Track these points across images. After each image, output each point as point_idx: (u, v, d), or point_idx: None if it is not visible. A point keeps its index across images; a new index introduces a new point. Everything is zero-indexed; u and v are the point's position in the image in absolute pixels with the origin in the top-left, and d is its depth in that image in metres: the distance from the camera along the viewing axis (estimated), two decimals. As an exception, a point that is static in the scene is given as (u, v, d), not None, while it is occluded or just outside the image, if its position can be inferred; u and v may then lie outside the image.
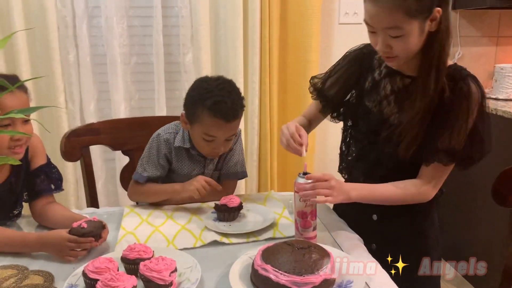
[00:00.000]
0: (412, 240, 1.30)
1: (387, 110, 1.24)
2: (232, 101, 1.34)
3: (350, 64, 1.33)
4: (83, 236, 1.10)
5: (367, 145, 1.29)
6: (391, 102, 1.23)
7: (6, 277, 1.03)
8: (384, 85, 1.25)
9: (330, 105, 1.38)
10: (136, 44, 2.27)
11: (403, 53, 1.11)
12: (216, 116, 1.32)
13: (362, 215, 1.32)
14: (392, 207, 1.24)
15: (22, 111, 0.91)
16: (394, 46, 1.10)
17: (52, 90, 2.13)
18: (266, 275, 0.93)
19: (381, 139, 1.23)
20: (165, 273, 0.94)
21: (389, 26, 1.06)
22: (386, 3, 1.04)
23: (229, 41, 2.26)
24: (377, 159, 1.26)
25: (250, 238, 1.23)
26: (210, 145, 1.38)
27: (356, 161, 1.33)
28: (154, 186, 1.45)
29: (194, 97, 1.37)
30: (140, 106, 2.33)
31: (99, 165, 2.27)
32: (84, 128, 1.68)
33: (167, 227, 1.29)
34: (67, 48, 2.14)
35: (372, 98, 1.27)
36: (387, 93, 1.24)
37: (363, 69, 1.30)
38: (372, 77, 1.28)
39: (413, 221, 1.30)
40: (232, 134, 1.40)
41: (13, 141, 1.16)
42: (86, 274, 0.95)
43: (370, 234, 1.30)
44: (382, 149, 1.24)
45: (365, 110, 1.28)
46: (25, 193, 1.33)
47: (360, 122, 1.31)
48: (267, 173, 2.44)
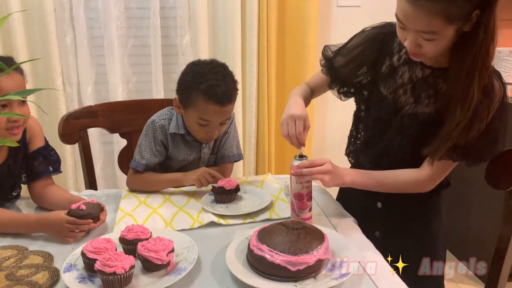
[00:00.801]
0: (416, 229, 1.29)
1: (402, 99, 1.18)
2: (226, 85, 1.34)
3: (368, 44, 1.24)
4: (82, 218, 1.12)
5: (377, 133, 1.25)
6: (407, 92, 1.18)
7: (6, 257, 1.04)
8: (402, 73, 1.18)
9: (340, 81, 1.31)
10: (133, 27, 2.25)
11: (432, 53, 1.05)
12: (211, 101, 1.32)
13: (366, 203, 1.31)
14: (397, 196, 1.23)
15: (20, 93, 0.92)
16: (425, 46, 1.03)
17: (50, 73, 2.12)
18: (261, 254, 0.94)
19: (392, 129, 1.20)
20: (162, 253, 0.96)
21: (425, 30, 0.99)
22: (426, 7, 0.95)
23: (227, 24, 2.24)
24: (385, 149, 1.23)
25: (247, 219, 1.24)
26: (205, 129, 1.38)
27: (365, 147, 1.31)
28: (154, 175, 1.45)
29: (188, 81, 1.37)
30: (138, 89, 2.33)
31: (97, 148, 2.27)
32: (82, 111, 1.68)
33: (165, 209, 1.31)
34: (64, 30, 2.13)
35: (387, 85, 1.21)
36: (404, 81, 1.18)
37: (382, 52, 1.22)
38: (390, 62, 1.21)
39: (418, 211, 1.29)
40: (227, 118, 1.40)
41: (10, 122, 1.16)
42: (85, 254, 0.97)
43: (374, 222, 1.30)
44: (391, 139, 1.21)
45: (379, 96, 1.22)
46: (24, 175, 1.34)
47: (372, 108, 1.26)
48: (264, 156, 2.45)
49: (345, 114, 2.59)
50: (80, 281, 0.94)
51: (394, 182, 1.20)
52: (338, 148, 1.49)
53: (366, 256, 1.05)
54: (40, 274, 0.98)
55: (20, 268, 1.00)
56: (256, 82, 2.35)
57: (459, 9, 0.95)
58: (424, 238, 1.30)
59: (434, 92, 1.14)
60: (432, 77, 1.14)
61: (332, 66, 1.31)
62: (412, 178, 1.19)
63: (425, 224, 1.30)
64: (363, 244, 1.12)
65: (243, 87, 2.35)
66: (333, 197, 1.44)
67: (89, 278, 0.95)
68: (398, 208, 1.29)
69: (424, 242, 1.29)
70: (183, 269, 0.97)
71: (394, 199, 1.25)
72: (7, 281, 0.95)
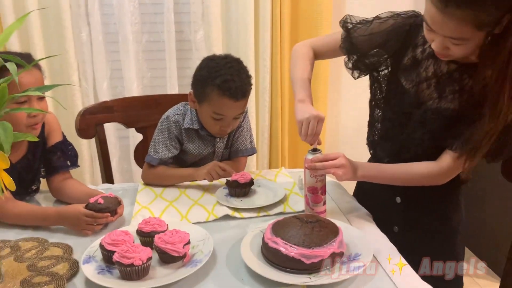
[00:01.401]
0: (435, 225, 1.28)
1: (425, 93, 1.16)
2: (240, 79, 1.35)
3: (393, 34, 1.19)
4: (99, 212, 1.14)
5: (396, 126, 1.23)
6: (431, 86, 1.15)
7: (28, 249, 1.07)
8: (427, 66, 1.15)
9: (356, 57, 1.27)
10: (147, 22, 2.27)
11: (460, 56, 1.03)
12: (225, 95, 1.33)
13: (385, 197, 1.31)
14: (417, 191, 1.22)
15: (39, 88, 0.94)
16: (452, 49, 1.00)
17: (66, 69, 2.16)
18: (276, 247, 0.96)
19: (413, 123, 1.19)
20: (179, 245, 0.98)
21: (454, 36, 0.97)
22: (455, 15, 0.92)
23: (240, 18, 2.25)
24: (405, 143, 1.22)
25: (261, 212, 1.25)
26: (218, 124, 1.40)
27: (383, 140, 1.29)
28: (168, 170, 1.47)
29: (203, 76, 1.38)
30: (152, 84, 2.35)
31: (113, 143, 2.30)
32: (98, 106, 1.71)
33: (181, 202, 1.33)
34: (79, 26, 2.15)
35: (409, 77, 1.18)
36: (428, 75, 1.15)
37: (405, 43, 1.19)
38: (413, 54, 1.17)
39: (438, 206, 1.27)
40: (241, 113, 1.41)
41: (30, 118, 1.19)
42: (103, 246, 0.99)
43: (393, 217, 1.30)
44: (412, 133, 1.19)
45: (400, 89, 1.19)
46: (43, 169, 1.37)
47: (393, 100, 1.23)
48: (278, 150, 2.45)
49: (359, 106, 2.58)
50: (98, 272, 0.96)
51: (409, 175, 1.19)
52: (352, 141, 1.49)
53: (380, 249, 1.05)
54: (60, 265, 1.00)
55: (41, 259, 1.03)
56: (270, 76, 2.35)
57: (489, 16, 0.92)
58: (444, 233, 1.28)
59: (459, 87, 1.11)
60: (457, 72, 1.11)
61: (351, 41, 1.25)
62: (428, 171, 1.17)
63: (444, 220, 1.29)
64: (377, 238, 1.12)
65: (256, 82, 2.35)
66: (349, 191, 1.44)
67: (107, 269, 0.98)
68: (417, 203, 1.27)
69: (443, 238, 1.28)
70: (199, 261, 0.98)
71: (414, 194, 1.24)
72: (29, 272, 0.98)
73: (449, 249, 1.26)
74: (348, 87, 2.53)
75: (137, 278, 0.93)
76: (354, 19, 1.26)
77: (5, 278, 0.95)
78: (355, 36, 1.23)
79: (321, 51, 1.36)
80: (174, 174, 1.47)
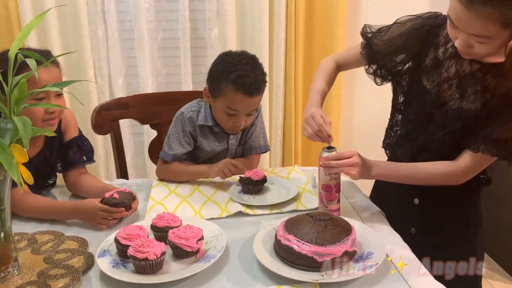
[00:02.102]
0: (453, 227, 1.26)
1: (446, 93, 1.15)
2: (255, 75, 1.36)
3: (413, 35, 1.20)
4: (115, 206, 1.16)
5: (417, 127, 1.22)
6: (453, 86, 1.14)
7: (44, 242, 1.10)
8: (448, 67, 1.14)
9: (378, 65, 1.28)
10: (162, 20, 2.28)
11: (484, 55, 1.02)
12: (239, 90, 1.34)
13: (403, 198, 1.30)
14: (436, 193, 1.21)
15: (57, 84, 0.96)
16: (476, 48, 0.99)
17: (82, 65, 2.18)
18: (288, 244, 0.96)
19: (434, 123, 1.18)
20: (192, 240, 0.98)
21: (478, 34, 0.95)
22: (481, 11, 0.91)
23: (254, 16, 2.25)
24: (425, 144, 1.21)
25: (274, 210, 1.26)
26: (232, 119, 1.40)
27: (403, 141, 1.28)
28: (181, 166, 1.48)
29: (218, 71, 1.39)
30: (167, 81, 2.36)
31: (128, 139, 2.33)
32: (113, 102, 1.73)
33: (194, 198, 1.34)
34: (96, 23, 2.18)
35: (431, 78, 1.17)
36: (450, 75, 1.14)
37: (426, 44, 1.18)
38: (434, 55, 1.17)
39: (456, 208, 1.26)
40: (254, 109, 1.42)
41: (47, 114, 1.21)
42: (118, 240, 1.01)
43: (410, 218, 1.29)
44: (433, 134, 1.18)
45: (421, 89, 1.19)
46: (59, 164, 1.39)
47: (414, 101, 1.22)
48: (291, 148, 2.45)
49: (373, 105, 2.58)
50: (113, 266, 0.98)
51: (425, 173, 1.17)
52: (366, 141, 1.48)
53: (393, 249, 1.05)
54: (76, 259, 1.02)
55: (57, 252, 1.05)
56: (284, 74, 2.34)
57: None
58: (462, 236, 1.27)
59: (481, 87, 1.09)
60: (480, 72, 1.09)
61: (370, 48, 1.27)
62: (446, 170, 1.16)
63: (463, 222, 1.27)
64: (391, 237, 1.12)
65: (270, 79, 2.35)
66: (366, 190, 1.43)
67: (122, 263, 0.99)
68: (436, 205, 1.26)
69: (461, 241, 1.26)
70: (212, 256, 0.99)
71: (432, 196, 1.23)
72: (46, 264, 1.00)
73: (468, 252, 1.24)
74: (362, 86, 2.51)
75: (151, 273, 0.94)
76: (373, 28, 1.27)
77: (23, 270, 0.98)
78: (375, 43, 1.25)
79: (344, 62, 1.40)
80: (188, 171, 1.48)
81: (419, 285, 0.93)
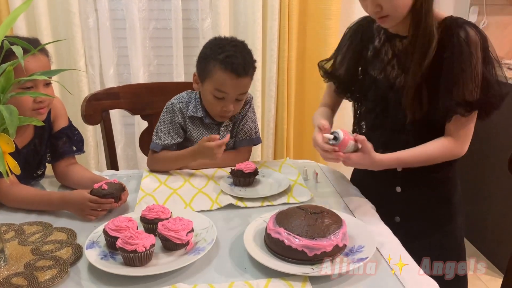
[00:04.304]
0: (436, 208, 1.30)
1: (392, 74, 1.24)
2: (243, 57, 1.37)
3: (352, 39, 1.34)
4: (104, 197, 1.14)
5: (380, 113, 1.28)
6: (395, 66, 1.24)
7: (32, 233, 1.08)
8: (386, 51, 1.26)
9: (343, 85, 1.38)
10: (154, 9, 2.26)
11: (393, 10, 1.12)
12: (227, 70, 1.35)
13: (385, 188, 1.32)
14: (416, 177, 1.26)
15: (45, 73, 0.94)
16: (383, 4, 1.11)
17: (73, 54, 2.15)
18: (279, 237, 0.95)
19: (392, 105, 1.24)
20: (182, 233, 0.98)
21: None
22: None
23: (248, 7, 2.23)
24: (393, 126, 1.25)
25: (265, 202, 1.25)
26: (220, 104, 1.40)
27: (372, 131, 1.31)
28: (170, 152, 1.47)
29: (207, 53, 1.40)
30: (159, 71, 2.34)
31: (119, 129, 2.31)
32: (104, 92, 1.71)
33: (185, 190, 1.33)
34: (87, 12, 2.15)
35: (376, 66, 1.28)
36: (389, 57, 1.25)
37: (364, 40, 1.31)
38: (373, 46, 1.29)
39: (437, 188, 1.30)
40: (242, 93, 1.41)
41: (36, 103, 1.19)
42: (106, 232, 0.99)
43: (394, 207, 1.31)
44: (395, 115, 1.23)
45: (371, 79, 1.29)
46: (48, 154, 1.37)
47: (368, 92, 1.30)
48: (283, 140, 2.45)
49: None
50: (102, 257, 0.97)
51: (427, 155, 1.19)
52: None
53: (383, 241, 1.05)
54: (64, 250, 1.01)
55: (45, 243, 1.04)
56: (276, 66, 2.34)
57: None
58: (445, 216, 1.31)
59: None
60: (411, 46, 1.17)
61: (331, 73, 1.39)
62: (443, 146, 1.19)
63: (445, 201, 1.31)
64: (381, 230, 1.12)
65: (263, 71, 2.34)
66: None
67: (110, 255, 0.98)
68: (418, 190, 1.30)
69: (444, 221, 1.30)
70: (202, 249, 0.99)
71: (413, 180, 1.27)
72: (33, 256, 0.99)
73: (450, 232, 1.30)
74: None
75: (140, 265, 0.94)
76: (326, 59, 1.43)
77: (9, 261, 0.96)
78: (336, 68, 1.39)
79: (328, 102, 1.46)
80: (177, 155, 1.45)
81: (409, 278, 0.93)
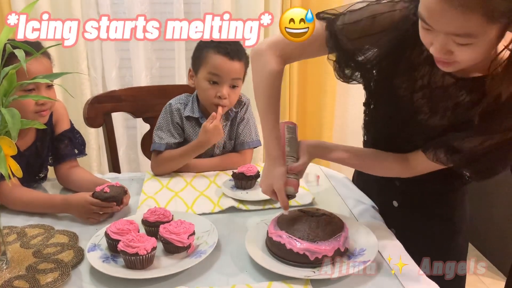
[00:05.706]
0: (436, 226, 1.21)
1: (418, 103, 1.01)
2: (235, 44, 1.41)
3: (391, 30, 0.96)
4: (106, 200, 1.15)
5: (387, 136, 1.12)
6: (425, 97, 0.99)
7: (34, 236, 1.08)
8: (423, 74, 0.97)
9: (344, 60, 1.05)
10: (157, 12, 2.26)
11: (467, 61, 0.83)
12: (220, 52, 1.39)
13: (382, 200, 1.27)
14: (416, 195, 1.18)
15: (47, 76, 0.94)
16: (457, 53, 0.80)
17: (75, 57, 2.16)
18: (280, 241, 0.95)
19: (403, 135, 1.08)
20: (183, 235, 0.98)
21: (458, 32, 0.77)
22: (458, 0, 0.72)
23: (250, 10, 2.22)
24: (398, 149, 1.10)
25: (266, 205, 1.25)
26: (215, 89, 1.42)
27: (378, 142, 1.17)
28: (174, 150, 1.46)
29: (200, 45, 1.46)
30: (161, 74, 2.35)
31: (121, 132, 2.31)
32: (106, 95, 1.71)
33: (186, 193, 1.33)
34: (89, 15, 2.15)
35: (404, 84, 1.01)
36: (424, 83, 0.98)
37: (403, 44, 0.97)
38: (409, 56, 0.98)
39: (440, 209, 1.21)
40: (236, 78, 1.43)
41: (38, 105, 1.19)
42: (108, 234, 1.00)
43: (390, 221, 1.23)
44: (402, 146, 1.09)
45: (393, 93, 1.04)
46: (50, 157, 1.38)
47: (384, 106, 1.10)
48: (285, 143, 2.44)
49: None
50: (103, 260, 0.97)
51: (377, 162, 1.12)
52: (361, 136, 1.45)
53: (386, 245, 1.04)
54: (66, 253, 1.01)
55: (47, 246, 1.04)
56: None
57: (507, 2, 0.72)
58: (445, 234, 1.23)
59: (453, 104, 0.96)
60: (454, 88, 0.95)
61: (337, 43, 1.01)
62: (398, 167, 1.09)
63: (446, 220, 1.23)
64: (384, 234, 1.11)
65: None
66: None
67: (112, 258, 0.98)
68: (417, 208, 1.22)
69: (444, 238, 1.23)
70: (203, 252, 0.99)
71: (413, 198, 1.20)
72: (35, 258, 0.99)
73: (450, 250, 1.22)
74: (357, 81, 2.50)
75: (141, 268, 0.94)
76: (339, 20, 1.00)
77: (11, 264, 0.96)
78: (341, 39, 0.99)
79: (293, 55, 1.09)
80: (183, 150, 1.44)
81: (410, 281, 0.93)
